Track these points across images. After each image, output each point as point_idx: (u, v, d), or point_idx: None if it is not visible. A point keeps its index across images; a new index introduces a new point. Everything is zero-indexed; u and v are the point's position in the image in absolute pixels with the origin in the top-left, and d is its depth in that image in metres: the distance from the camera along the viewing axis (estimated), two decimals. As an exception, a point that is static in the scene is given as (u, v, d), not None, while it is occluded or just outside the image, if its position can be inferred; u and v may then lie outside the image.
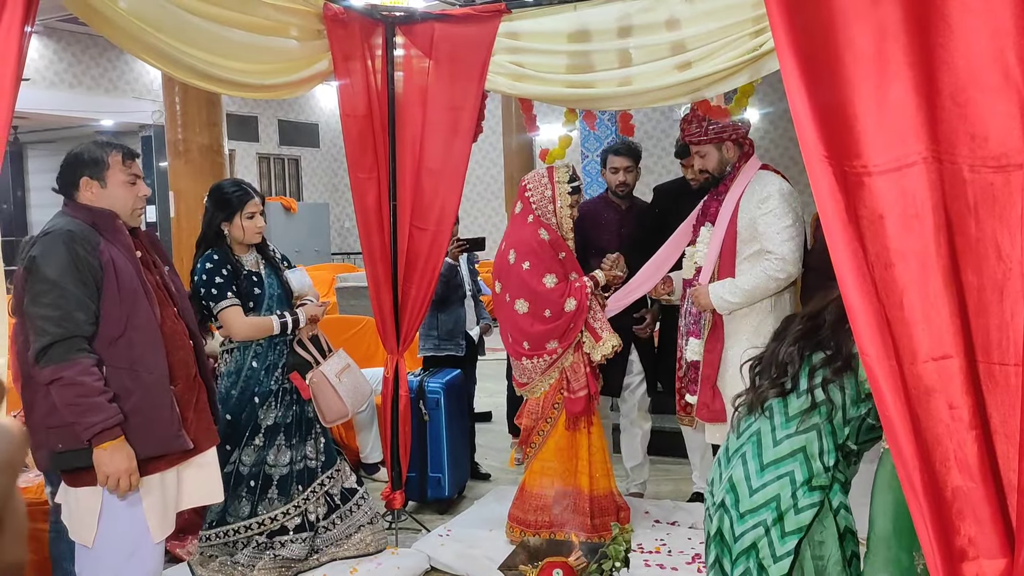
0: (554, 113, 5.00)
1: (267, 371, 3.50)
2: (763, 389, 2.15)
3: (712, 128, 3.48)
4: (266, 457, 3.51)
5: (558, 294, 3.62)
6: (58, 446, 2.38)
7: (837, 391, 2.05)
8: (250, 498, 3.49)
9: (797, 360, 2.12)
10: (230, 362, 3.48)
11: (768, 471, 2.05)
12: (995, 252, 1.47)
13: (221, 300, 3.34)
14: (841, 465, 2.05)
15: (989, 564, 1.48)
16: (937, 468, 1.51)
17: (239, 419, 3.45)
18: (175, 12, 2.87)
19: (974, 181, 1.48)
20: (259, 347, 3.48)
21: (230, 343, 3.48)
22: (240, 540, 3.49)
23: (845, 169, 1.55)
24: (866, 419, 2.04)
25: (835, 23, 1.56)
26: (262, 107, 15.00)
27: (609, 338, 3.64)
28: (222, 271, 3.37)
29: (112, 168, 2.52)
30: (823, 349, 2.11)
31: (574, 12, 3.38)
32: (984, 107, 1.46)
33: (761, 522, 2.02)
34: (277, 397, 3.52)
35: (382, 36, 3.71)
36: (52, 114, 12.14)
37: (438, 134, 3.67)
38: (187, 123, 6.17)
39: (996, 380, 1.48)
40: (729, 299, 3.35)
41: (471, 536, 3.91)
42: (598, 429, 3.80)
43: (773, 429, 2.10)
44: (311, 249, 14.07)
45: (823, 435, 2.04)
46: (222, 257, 3.40)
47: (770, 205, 3.32)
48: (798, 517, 1.99)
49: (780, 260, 3.28)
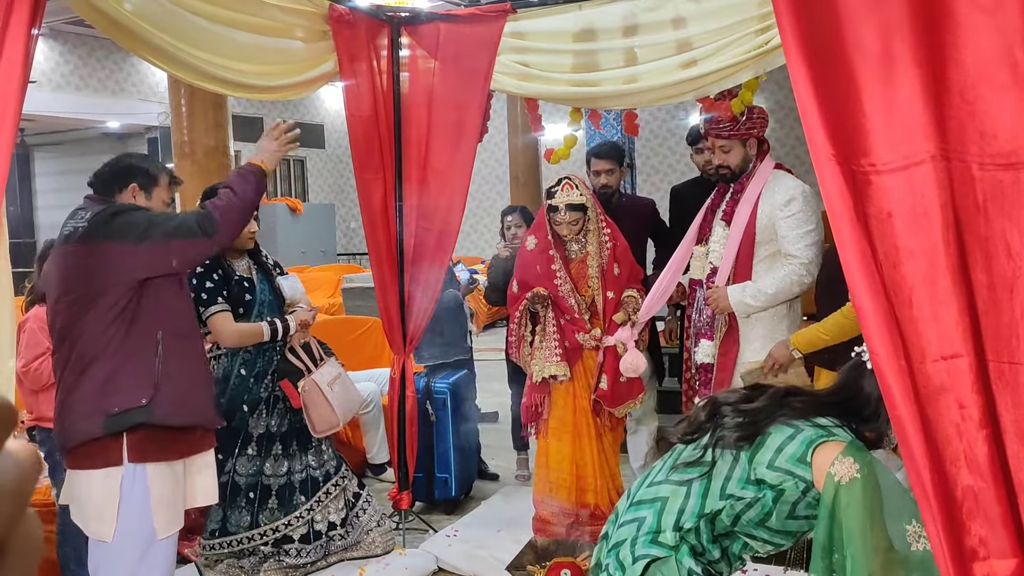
0: (559, 113, 5.00)
1: (256, 378, 3.44)
2: (675, 429, 2.07)
3: (745, 123, 3.38)
4: (263, 467, 3.48)
5: (512, 299, 3.67)
6: (114, 409, 2.47)
7: (729, 458, 1.92)
8: (250, 508, 3.46)
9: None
10: (217, 369, 3.40)
11: (631, 510, 2.00)
12: (1005, 250, 1.47)
13: (211, 305, 3.28)
14: (703, 536, 1.89)
15: (1000, 564, 1.47)
16: (947, 468, 1.51)
17: (228, 427, 3.36)
18: (181, 14, 2.87)
19: (983, 179, 1.47)
20: (247, 354, 3.42)
21: (217, 349, 3.41)
22: (244, 549, 3.49)
23: (853, 168, 1.54)
24: (749, 511, 1.86)
25: (842, 21, 1.55)
26: (267, 108, 15.03)
27: (547, 367, 3.52)
28: (212, 276, 3.32)
29: (160, 186, 2.72)
30: (765, 420, 1.91)
31: (579, 11, 3.37)
32: (993, 104, 1.45)
33: (616, 553, 1.96)
34: (268, 405, 3.47)
35: (387, 37, 3.71)
36: (58, 116, 12.18)
37: (444, 134, 3.67)
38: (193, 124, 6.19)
39: (1006, 379, 1.48)
40: (751, 303, 3.29)
41: (478, 536, 3.91)
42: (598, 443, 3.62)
43: (659, 469, 2.03)
44: (317, 250, 14.09)
45: (691, 495, 1.91)
46: (212, 262, 3.34)
47: (793, 208, 3.26)
48: (632, 567, 1.90)
49: (804, 265, 3.23)
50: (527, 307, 3.56)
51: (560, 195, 3.52)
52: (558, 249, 3.59)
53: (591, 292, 3.59)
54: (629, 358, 3.45)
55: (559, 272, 3.56)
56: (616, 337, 3.50)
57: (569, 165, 4.35)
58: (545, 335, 3.54)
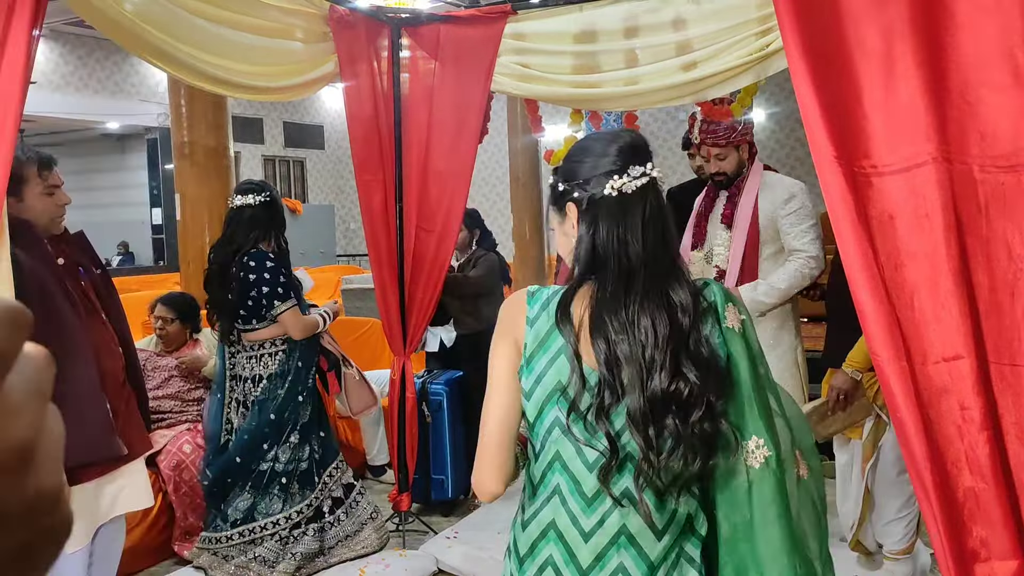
0: (560, 114, 5.00)
1: (308, 369, 3.56)
2: None
3: (738, 131, 3.44)
4: (300, 454, 3.54)
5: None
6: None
7: None
8: (281, 495, 3.51)
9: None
10: (273, 365, 3.48)
11: None
12: (1006, 252, 1.47)
13: (286, 300, 3.37)
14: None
15: (1001, 565, 1.47)
16: (948, 469, 1.51)
17: (282, 418, 3.48)
18: (181, 14, 2.87)
19: (984, 181, 1.47)
20: (302, 346, 3.52)
21: (273, 345, 3.48)
22: (266, 536, 3.50)
23: (855, 169, 1.54)
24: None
25: (844, 23, 1.55)
26: (267, 109, 15.03)
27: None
28: (282, 270, 3.40)
29: (29, 182, 2.49)
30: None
31: (580, 13, 3.37)
32: (994, 106, 1.45)
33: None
34: (311, 394, 3.58)
35: (388, 38, 3.71)
36: (58, 117, 12.17)
37: (444, 135, 3.67)
38: (193, 125, 6.17)
39: (1007, 381, 1.48)
40: (765, 300, 3.31)
41: (478, 538, 3.90)
42: None
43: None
44: (316, 251, 14.08)
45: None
46: (279, 257, 3.43)
47: (794, 205, 3.34)
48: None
49: (812, 258, 3.30)
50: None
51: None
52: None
53: None
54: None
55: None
56: None
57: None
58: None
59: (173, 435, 3.89)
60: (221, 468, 3.47)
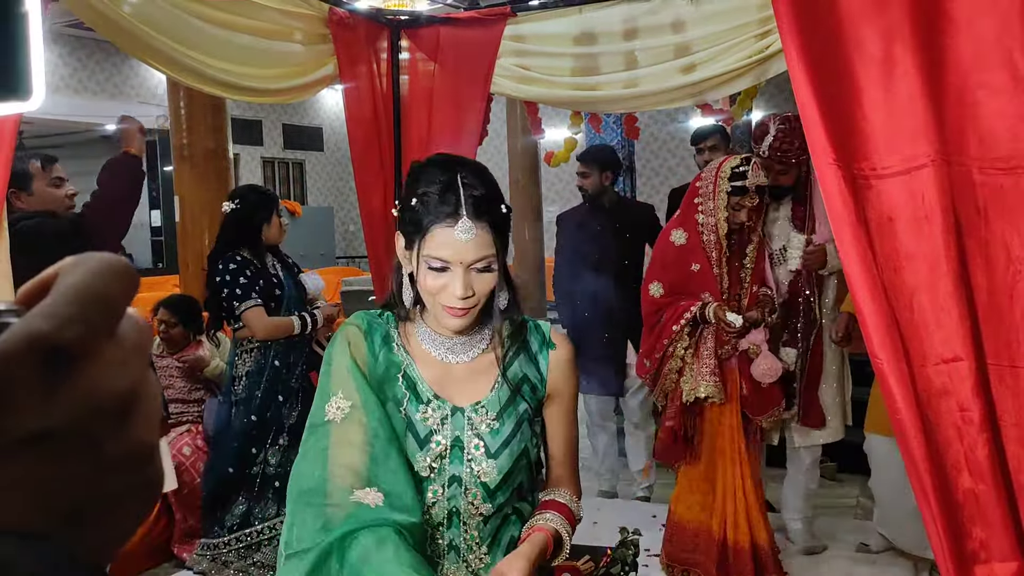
0: (559, 116, 5.00)
1: (288, 370, 3.55)
2: None
3: (800, 148, 3.14)
4: (291, 456, 3.53)
5: (654, 304, 3.16)
6: None
7: None
8: (275, 499, 3.51)
9: None
10: (250, 362, 3.51)
11: None
12: (1005, 254, 1.47)
13: (245, 300, 3.39)
14: None
15: (1001, 567, 1.47)
16: (948, 471, 1.51)
17: (264, 419, 3.49)
18: (180, 16, 2.87)
19: (983, 183, 1.48)
20: (279, 347, 3.52)
21: (250, 343, 3.51)
22: (263, 540, 3.50)
23: (854, 172, 1.55)
24: None
25: (843, 26, 1.56)
26: (266, 111, 15.02)
27: (701, 386, 3.01)
28: (246, 271, 3.43)
29: (35, 176, 2.73)
30: None
31: (579, 15, 3.38)
32: (992, 109, 1.46)
33: None
34: (297, 396, 3.56)
35: (387, 40, 3.71)
36: (58, 119, 12.16)
37: (443, 137, 3.67)
38: (192, 127, 6.17)
39: (1007, 382, 1.48)
40: (833, 262, 3.25)
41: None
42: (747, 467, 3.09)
43: None
44: (316, 253, 14.07)
45: None
46: (246, 258, 3.45)
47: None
48: None
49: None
50: (689, 320, 3.03)
51: (752, 176, 2.99)
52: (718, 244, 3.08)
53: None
54: (764, 363, 3.01)
55: (719, 272, 3.07)
56: (748, 339, 3.06)
57: (569, 168, 4.35)
58: (699, 351, 3.05)
59: (174, 436, 3.88)
60: (216, 480, 3.51)
